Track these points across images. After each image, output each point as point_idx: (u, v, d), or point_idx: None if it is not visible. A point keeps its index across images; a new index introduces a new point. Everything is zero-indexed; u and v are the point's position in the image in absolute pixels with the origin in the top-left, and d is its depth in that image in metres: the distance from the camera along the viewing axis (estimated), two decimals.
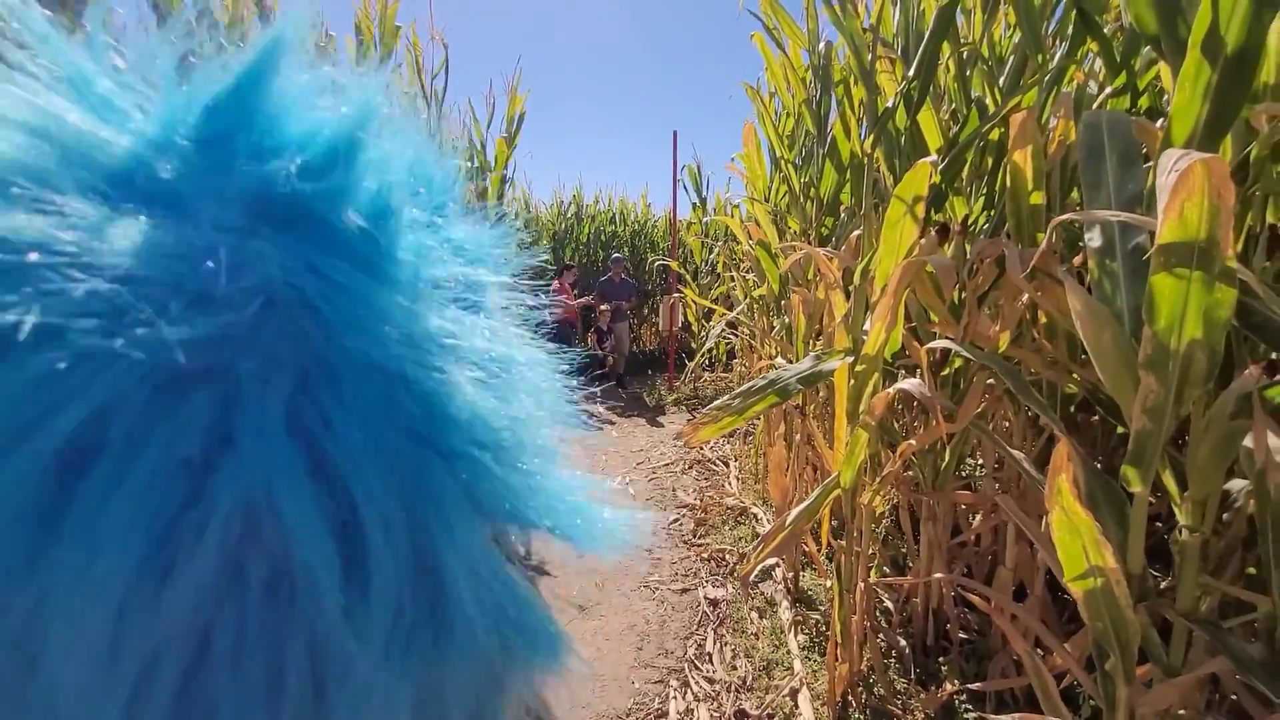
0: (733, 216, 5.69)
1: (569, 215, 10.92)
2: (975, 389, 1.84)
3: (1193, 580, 1.20)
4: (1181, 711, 1.25)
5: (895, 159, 2.22)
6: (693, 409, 6.68)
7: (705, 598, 2.96)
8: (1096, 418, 2.09)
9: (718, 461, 4.94)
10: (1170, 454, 1.23)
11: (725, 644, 2.60)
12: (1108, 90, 1.81)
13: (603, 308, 7.77)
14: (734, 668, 2.42)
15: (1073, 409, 2.01)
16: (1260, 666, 1.06)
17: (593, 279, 10.38)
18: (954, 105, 2.39)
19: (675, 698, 2.28)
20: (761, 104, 3.83)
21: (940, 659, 2.24)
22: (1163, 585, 1.75)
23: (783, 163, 3.63)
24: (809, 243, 3.07)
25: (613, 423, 6.22)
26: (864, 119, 2.43)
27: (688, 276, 8.20)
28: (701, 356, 6.18)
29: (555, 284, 7.51)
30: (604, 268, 9.51)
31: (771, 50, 3.43)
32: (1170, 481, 1.24)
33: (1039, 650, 1.69)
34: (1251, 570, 1.48)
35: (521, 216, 9.98)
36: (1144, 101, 1.97)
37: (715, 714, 2.17)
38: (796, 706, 2.15)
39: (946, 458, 2.16)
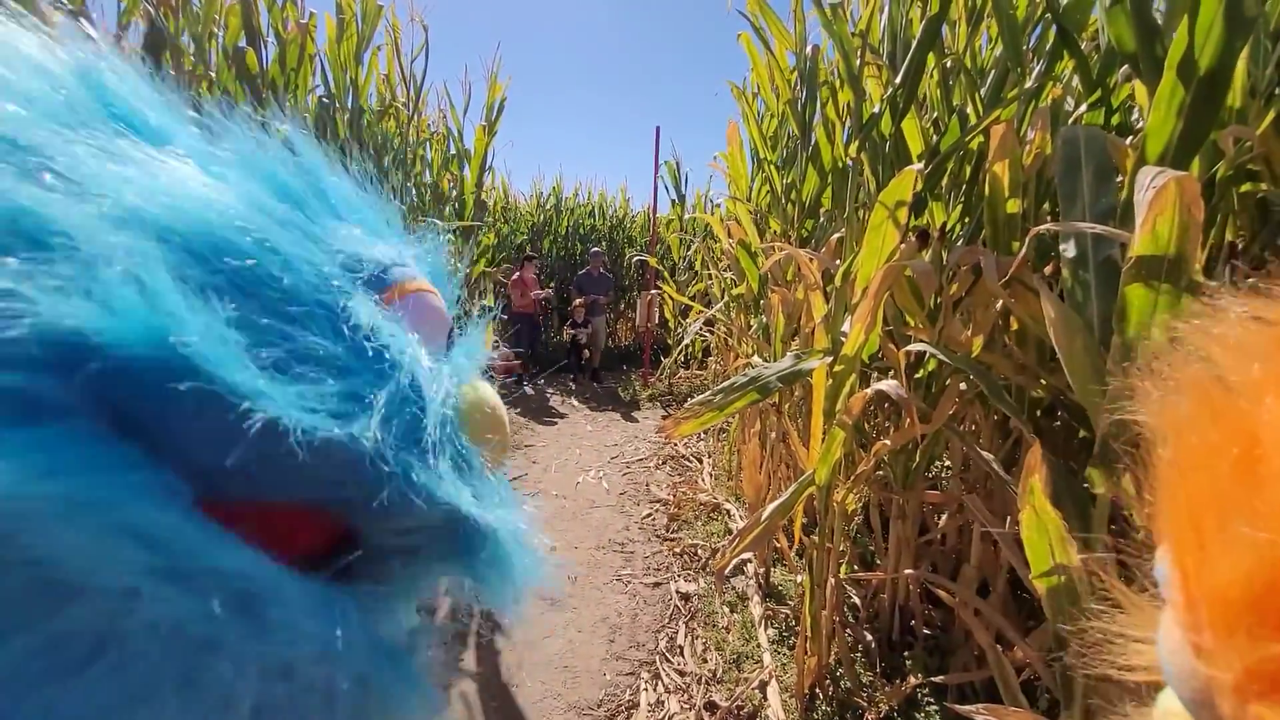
0: (713, 214, 5.72)
1: (548, 207, 10.85)
2: (949, 392, 1.89)
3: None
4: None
5: (879, 164, 2.27)
6: (667, 405, 6.72)
7: (677, 592, 2.98)
8: (1059, 423, 2.17)
9: (692, 458, 4.98)
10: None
11: (696, 637, 2.63)
12: (1083, 107, 1.87)
13: (577, 302, 7.68)
14: (704, 660, 2.45)
15: (1039, 414, 2.08)
16: None
17: (570, 272, 10.36)
18: (936, 114, 2.45)
19: (646, 689, 2.30)
20: (746, 103, 3.86)
21: (905, 653, 2.30)
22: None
23: (765, 163, 3.66)
24: (790, 244, 3.11)
25: (588, 416, 6.23)
26: (849, 122, 2.47)
27: (665, 273, 8.22)
28: (678, 353, 6.21)
29: (515, 275, 7.47)
30: (582, 261, 9.44)
31: (758, 51, 3.46)
32: (1129, 483, 1.30)
33: (1000, 644, 1.75)
34: None
35: (499, 206, 9.89)
36: (1116, 119, 2.05)
37: (686, 706, 2.20)
38: (765, 699, 2.18)
39: (917, 458, 2.21)
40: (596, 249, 8.48)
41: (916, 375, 2.22)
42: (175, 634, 0.24)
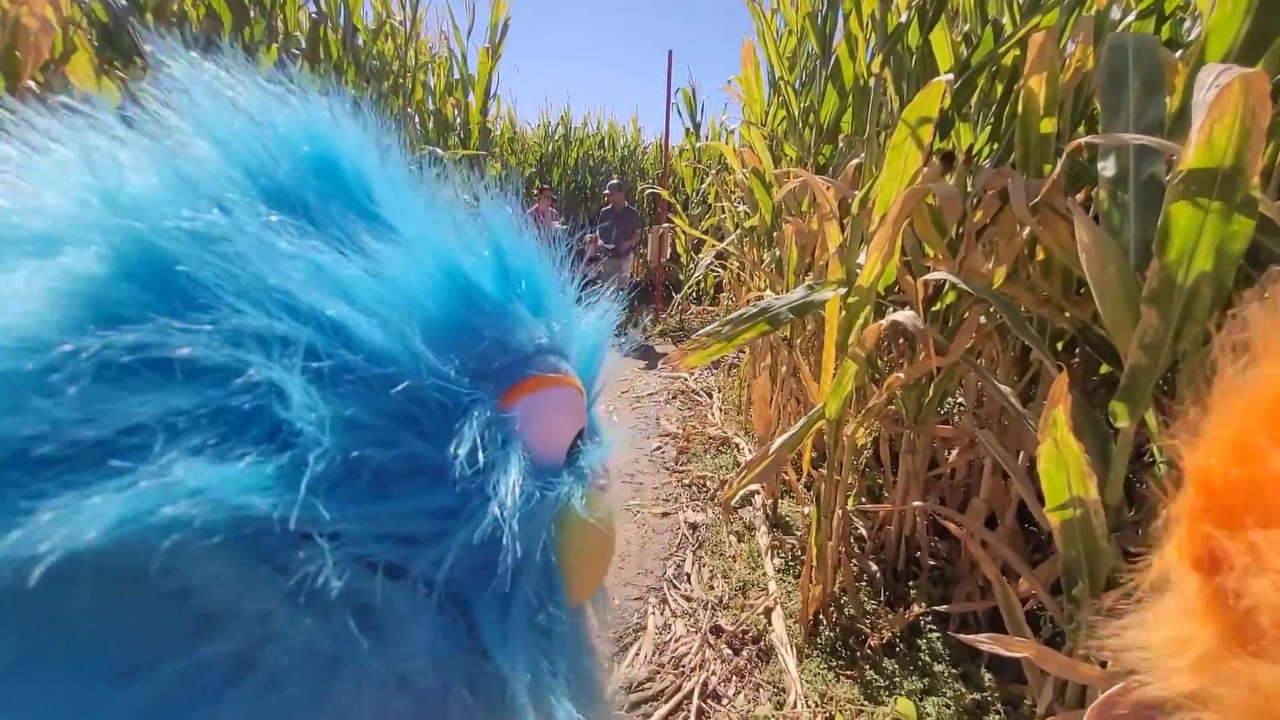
0: (727, 143, 5.50)
1: (556, 138, 10.51)
2: (968, 324, 1.83)
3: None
4: None
5: (903, 81, 2.12)
6: (678, 341, 6.68)
7: (685, 522, 3.03)
8: (1077, 359, 2.11)
9: (701, 392, 4.98)
10: (1154, 392, 1.24)
11: (703, 565, 2.68)
12: (1132, 15, 1.71)
13: (590, 235, 7.51)
14: (711, 588, 2.51)
15: (1059, 348, 2.02)
16: None
17: (580, 206, 10.12)
18: (969, 26, 2.27)
19: (654, 614, 2.37)
20: (763, 20, 3.62)
21: (910, 583, 2.34)
22: (1131, 519, 1.82)
23: (782, 85, 3.47)
24: (806, 171, 2.98)
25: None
26: (873, 36, 2.30)
27: (678, 206, 8.01)
28: (689, 289, 6.12)
29: (532, 207, 7.32)
30: (594, 195, 9.08)
31: None
32: (1152, 418, 1.25)
33: (1005, 576, 1.76)
34: None
35: (506, 137, 9.60)
36: (1166, 30, 1.88)
37: (692, 629, 2.26)
38: (770, 623, 2.24)
39: (930, 393, 2.17)
40: (614, 181, 7.46)
41: (933, 308, 2.15)
42: (308, 655, 0.24)
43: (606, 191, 7.36)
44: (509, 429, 0.30)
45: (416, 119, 4.36)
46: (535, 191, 7.70)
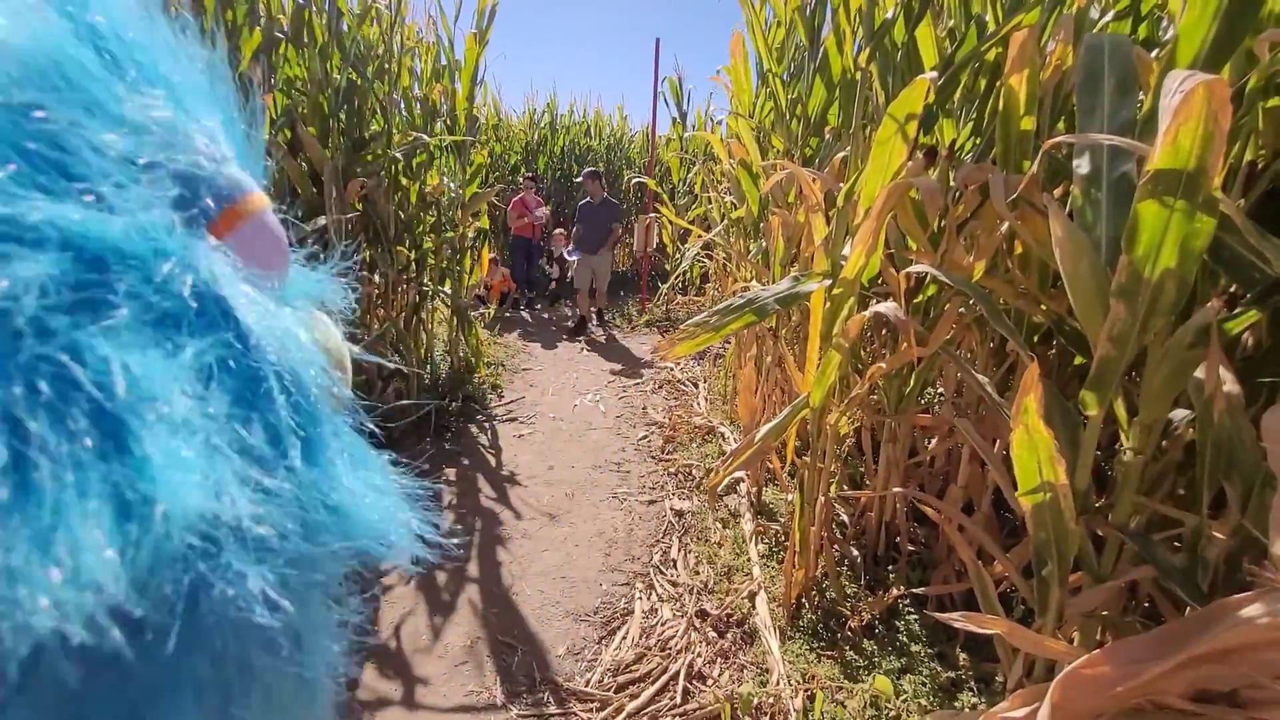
0: (714, 133, 5.51)
1: (542, 125, 10.43)
2: (947, 315, 1.88)
3: (1130, 498, 1.29)
4: (1104, 613, 1.37)
5: (889, 75, 2.15)
6: (664, 331, 6.71)
7: (671, 509, 3.08)
8: (1053, 351, 2.17)
9: (687, 382, 5.02)
10: (1123, 383, 1.30)
11: (689, 551, 2.74)
12: (1110, 15, 1.76)
13: (558, 231, 7.17)
14: (696, 573, 2.56)
15: (1035, 340, 2.08)
16: (1180, 574, 1.17)
17: (566, 195, 10.06)
18: (953, 22, 2.30)
19: (640, 598, 2.42)
20: (752, 10, 3.63)
21: (889, 567, 2.41)
22: (1098, 503, 1.89)
23: (770, 76, 3.48)
24: (793, 163, 3.01)
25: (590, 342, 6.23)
26: (860, 30, 2.33)
27: (664, 196, 8.01)
28: (675, 279, 6.14)
29: (516, 196, 7.27)
30: (578, 184, 8.90)
31: None
32: (1120, 408, 1.31)
33: (981, 560, 1.82)
34: (1181, 491, 1.60)
35: (492, 124, 9.50)
36: (1143, 29, 1.93)
37: (678, 613, 2.31)
38: (754, 607, 2.30)
39: (911, 383, 2.23)
40: (590, 169, 6.94)
41: (915, 300, 2.20)
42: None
43: (580, 179, 6.83)
44: (228, 262, 0.29)
45: (403, 104, 4.31)
46: (521, 180, 7.63)
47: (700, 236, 4.81)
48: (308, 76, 3.14)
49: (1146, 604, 1.74)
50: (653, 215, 7.40)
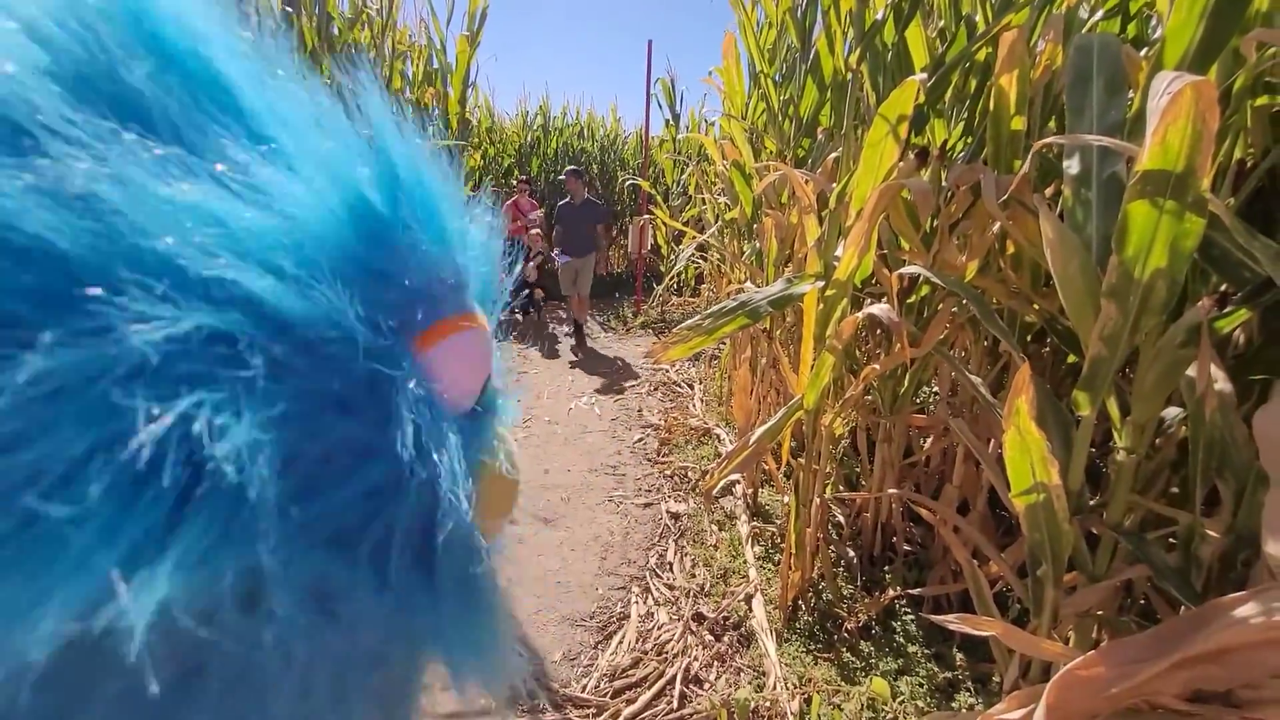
0: (707, 134, 5.51)
1: (535, 128, 10.42)
2: (940, 316, 1.88)
3: (1124, 497, 1.29)
4: (1099, 613, 1.37)
5: (880, 76, 2.15)
6: (659, 332, 6.71)
7: (667, 512, 3.07)
8: (1047, 349, 2.18)
9: (683, 384, 5.02)
10: (1115, 382, 1.30)
11: (685, 554, 2.73)
12: (1099, 14, 1.76)
13: (533, 231, 6.55)
14: (693, 576, 2.55)
15: (1028, 339, 2.08)
16: (1174, 573, 1.17)
17: (559, 197, 10.05)
18: (943, 23, 2.31)
19: (637, 602, 2.41)
20: (744, 12, 3.63)
21: (885, 568, 2.40)
22: (1092, 502, 1.89)
23: (762, 78, 3.49)
24: (785, 164, 3.01)
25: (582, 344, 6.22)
26: (850, 32, 2.33)
27: (658, 197, 8.01)
28: (669, 280, 6.13)
29: (510, 200, 7.25)
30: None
31: None
32: (1113, 407, 1.31)
33: (976, 559, 1.82)
34: (1174, 490, 1.60)
35: (484, 127, 9.50)
36: (1132, 29, 1.94)
37: (674, 617, 2.30)
38: (750, 610, 2.29)
39: (906, 383, 2.23)
40: (573, 168, 6.48)
41: (908, 301, 2.20)
42: (275, 653, 0.23)
43: (563, 178, 6.37)
44: (426, 384, 0.26)
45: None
46: (515, 183, 7.60)
47: (694, 238, 4.81)
48: None
49: (1142, 602, 1.75)
50: (647, 217, 7.40)
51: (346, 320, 0.22)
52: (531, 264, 6.46)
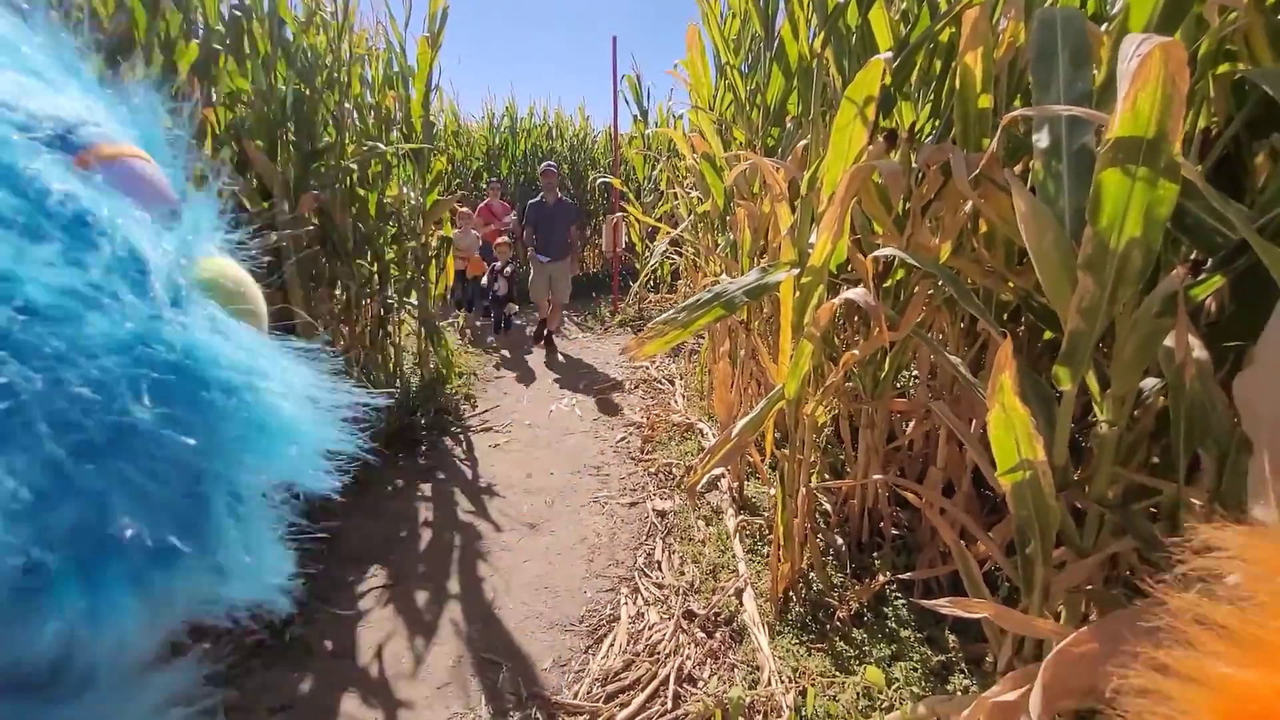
0: (675, 129, 5.48)
1: (502, 129, 10.31)
2: (917, 298, 1.87)
3: (1108, 469, 1.29)
4: (1089, 587, 1.37)
5: (845, 60, 2.14)
6: (638, 330, 6.67)
7: (653, 509, 3.04)
8: (1023, 328, 2.18)
9: (664, 380, 4.99)
10: (1094, 355, 1.29)
11: (673, 552, 2.70)
12: None
13: (499, 240, 6.16)
14: (682, 573, 2.53)
15: (1005, 318, 2.08)
16: (1161, 543, 1.16)
17: (529, 199, 9.94)
18: (905, 4, 2.30)
19: (626, 604, 2.37)
20: (706, 3, 3.60)
21: (874, 554, 2.40)
22: (1075, 477, 1.90)
23: (728, 69, 3.46)
24: (755, 153, 2.99)
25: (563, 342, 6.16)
26: (813, 18, 2.32)
27: (630, 194, 7.97)
28: (645, 277, 6.10)
29: (482, 203, 7.15)
30: (539, 187, 8.50)
31: None
32: (1092, 380, 1.30)
33: (964, 540, 1.82)
34: (1155, 460, 1.60)
35: (451, 130, 9.37)
36: (1091, 4, 1.94)
37: (665, 616, 2.27)
38: (741, 604, 2.27)
39: (886, 368, 2.22)
40: (548, 164, 6.18)
41: (884, 285, 2.19)
42: None
43: (540, 176, 6.08)
44: (98, 182, 0.31)
45: (355, 114, 4.20)
46: (484, 186, 7.50)
47: (668, 233, 4.79)
48: (251, 89, 3.03)
49: (1129, 573, 1.75)
50: (620, 215, 7.36)
51: None
52: (501, 279, 6.17)
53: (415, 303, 4.24)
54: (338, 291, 3.64)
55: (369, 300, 3.98)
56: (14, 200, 0.26)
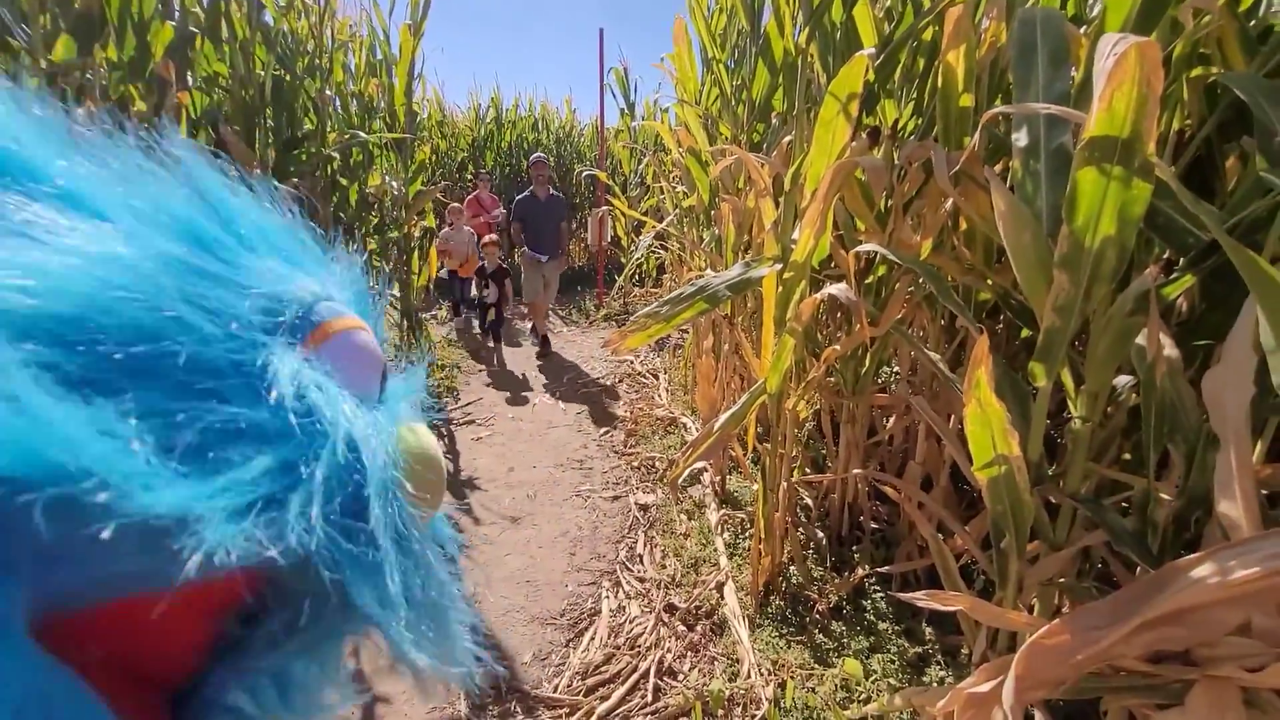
0: (662, 123, 5.46)
1: (488, 120, 10.21)
2: (898, 295, 1.89)
3: (1081, 465, 1.31)
4: (1061, 580, 1.39)
5: (830, 56, 2.14)
6: (623, 324, 6.66)
7: (636, 503, 3.05)
8: (1001, 325, 2.21)
9: (648, 375, 5.00)
10: (1068, 353, 1.31)
11: (655, 545, 2.71)
12: None
13: (487, 239, 5.57)
14: (663, 567, 2.53)
15: (984, 315, 2.11)
16: (1131, 537, 1.19)
17: (516, 191, 9.86)
18: (889, 3, 2.31)
19: (608, 597, 2.37)
20: None
21: (854, 548, 2.42)
22: (1050, 472, 1.93)
23: (714, 63, 3.46)
24: (740, 148, 2.99)
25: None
26: (799, 14, 2.32)
27: (616, 188, 7.94)
28: (630, 271, 6.09)
29: (470, 195, 7.08)
30: (526, 180, 7.59)
31: None
32: (1067, 377, 1.32)
33: (941, 534, 1.84)
34: (1126, 456, 1.64)
35: (435, 120, 9.27)
36: (1071, 6, 1.96)
37: (646, 609, 2.28)
38: (722, 598, 2.28)
39: (867, 363, 2.24)
40: (538, 154, 5.76)
41: (866, 281, 2.20)
42: None
43: (530, 167, 5.64)
44: (321, 370, 0.33)
45: (337, 101, 4.14)
46: (471, 178, 7.42)
47: (654, 227, 4.78)
48: (229, 73, 2.97)
49: (1099, 566, 1.79)
50: (606, 208, 7.33)
51: (192, 320, 0.28)
52: (491, 284, 5.60)
53: (397, 294, 4.20)
54: None
55: None
56: (250, 404, 0.29)
